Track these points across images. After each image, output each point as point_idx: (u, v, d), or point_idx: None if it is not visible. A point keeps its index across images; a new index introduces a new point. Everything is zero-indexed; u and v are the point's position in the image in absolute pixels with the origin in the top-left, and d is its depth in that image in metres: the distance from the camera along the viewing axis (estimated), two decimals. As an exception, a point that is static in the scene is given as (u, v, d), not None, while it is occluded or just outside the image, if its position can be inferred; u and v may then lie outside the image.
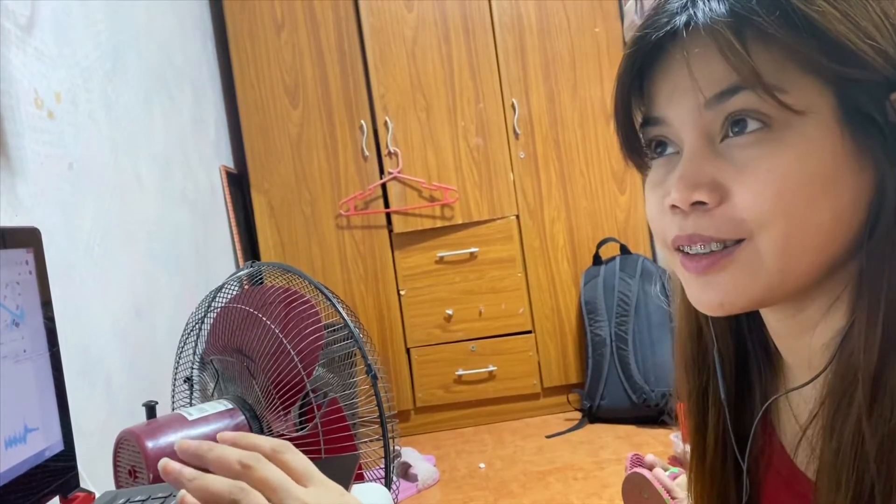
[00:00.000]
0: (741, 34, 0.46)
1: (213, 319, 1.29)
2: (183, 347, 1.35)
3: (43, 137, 1.34)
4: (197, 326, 1.34)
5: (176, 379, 1.35)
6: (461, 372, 2.77)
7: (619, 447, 2.35)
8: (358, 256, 2.78)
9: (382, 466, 1.27)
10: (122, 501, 0.74)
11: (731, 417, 0.60)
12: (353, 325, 1.26)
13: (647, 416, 2.52)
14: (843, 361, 0.48)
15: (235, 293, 1.34)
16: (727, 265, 0.49)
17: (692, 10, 0.48)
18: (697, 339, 0.63)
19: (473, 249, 2.78)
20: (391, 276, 2.79)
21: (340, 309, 1.27)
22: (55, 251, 1.31)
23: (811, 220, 0.46)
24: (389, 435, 1.26)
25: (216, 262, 2.38)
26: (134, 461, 0.98)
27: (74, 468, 0.79)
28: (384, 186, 2.76)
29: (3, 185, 1.18)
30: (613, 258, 2.73)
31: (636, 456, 1.08)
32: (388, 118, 2.75)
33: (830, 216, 0.47)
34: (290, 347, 1.15)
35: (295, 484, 0.50)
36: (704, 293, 0.51)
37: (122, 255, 1.63)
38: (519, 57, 2.78)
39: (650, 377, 2.52)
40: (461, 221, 2.77)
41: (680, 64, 0.49)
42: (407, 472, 2.25)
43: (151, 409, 1.08)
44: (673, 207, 0.50)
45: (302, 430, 1.17)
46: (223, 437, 0.54)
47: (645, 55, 0.52)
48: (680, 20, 0.49)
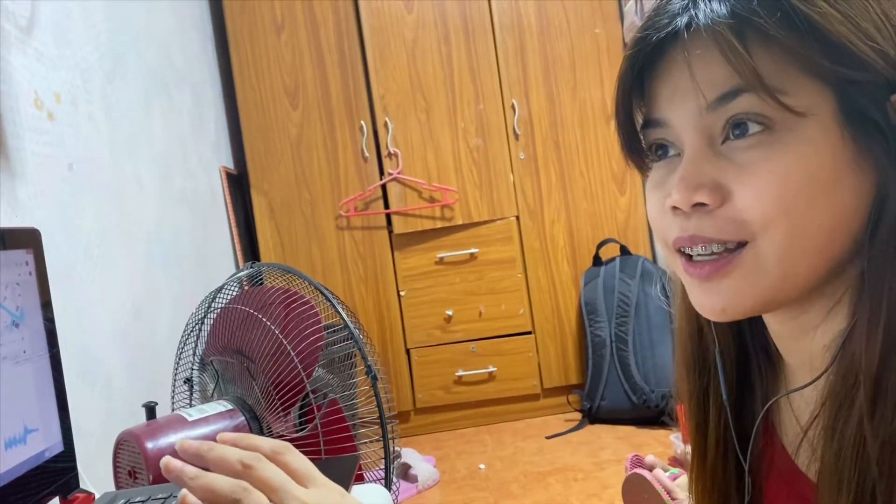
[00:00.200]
0: (742, 35, 0.46)
1: (212, 320, 1.29)
2: (183, 348, 1.35)
3: (43, 138, 1.34)
4: (197, 327, 1.34)
5: (176, 380, 1.35)
6: (461, 373, 2.77)
7: (619, 448, 2.35)
8: (358, 257, 2.78)
9: (382, 467, 1.27)
10: (121, 502, 0.74)
11: (732, 418, 0.60)
12: (352, 325, 1.26)
13: (647, 416, 2.52)
14: (844, 363, 0.48)
15: (235, 294, 1.34)
16: (730, 271, 0.49)
17: (693, 10, 0.48)
18: (698, 339, 0.63)
19: (473, 250, 2.78)
20: (391, 276, 2.79)
21: (340, 310, 1.27)
22: (55, 252, 1.31)
23: (812, 221, 0.46)
24: (389, 436, 1.26)
25: (216, 262, 2.38)
26: (134, 462, 0.98)
27: (74, 469, 0.79)
28: (384, 187, 2.77)
29: (3, 185, 1.18)
30: (613, 259, 2.73)
31: (636, 457, 1.08)
32: (388, 119, 2.75)
33: (831, 217, 0.47)
34: (289, 348, 1.15)
35: (295, 484, 0.50)
36: (708, 298, 0.51)
37: (121, 255, 1.63)
38: (519, 58, 2.78)
39: (650, 378, 2.52)
40: (461, 222, 2.77)
41: (681, 65, 0.49)
42: (407, 472, 2.25)
43: (151, 409, 1.08)
44: (674, 208, 0.50)
45: (302, 430, 1.16)
46: (223, 437, 0.54)
47: (646, 56, 0.52)
48: (681, 21, 0.48)
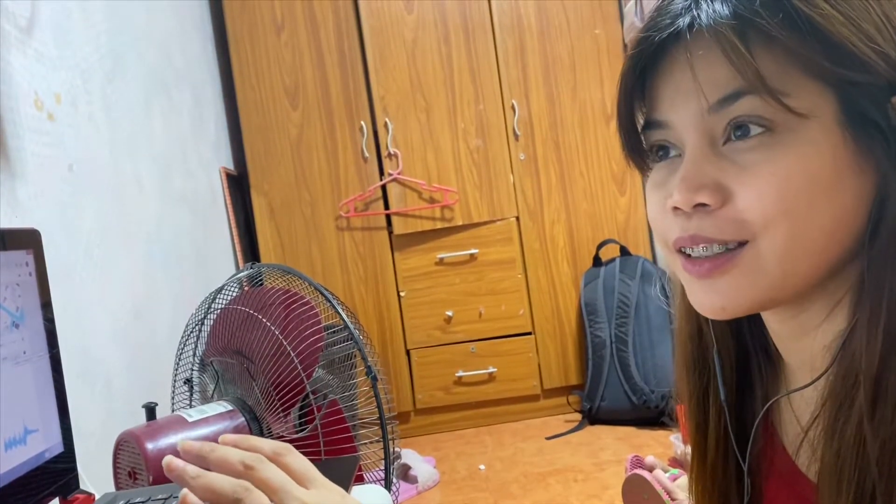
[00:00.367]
0: (745, 36, 0.46)
1: (213, 321, 1.29)
2: (183, 349, 1.34)
3: (43, 139, 1.34)
4: (197, 328, 1.34)
5: (176, 380, 1.35)
6: (461, 373, 2.77)
7: (619, 449, 2.35)
8: (358, 258, 2.78)
9: (382, 468, 1.27)
10: (121, 503, 0.74)
11: (731, 418, 0.60)
12: (352, 326, 1.26)
13: (647, 417, 2.52)
14: (844, 363, 0.48)
15: (235, 294, 1.34)
16: (729, 269, 0.49)
17: (695, 11, 0.48)
18: (698, 339, 0.63)
19: (473, 251, 2.78)
20: (391, 277, 2.79)
21: (340, 310, 1.27)
22: (55, 253, 1.31)
23: (813, 222, 0.46)
24: (389, 436, 1.25)
25: (216, 263, 2.38)
26: (134, 463, 0.98)
27: (74, 470, 0.79)
28: (384, 188, 2.77)
29: (3, 186, 1.18)
30: (613, 260, 2.73)
31: (636, 457, 1.08)
32: (388, 119, 2.75)
33: (832, 218, 0.47)
34: (289, 349, 1.15)
35: (296, 485, 0.51)
36: (707, 297, 0.51)
37: (121, 256, 1.63)
38: (519, 58, 2.78)
39: (650, 379, 2.52)
40: (461, 223, 2.77)
41: (683, 66, 0.49)
42: (407, 473, 2.24)
43: (151, 410, 1.08)
44: (675, 209, 0.50)
45: (302, 431, 1.16)
46: (225, 439, 0.54)
47: (648, 56, 0.51)
48: (683, 21, 0.48)
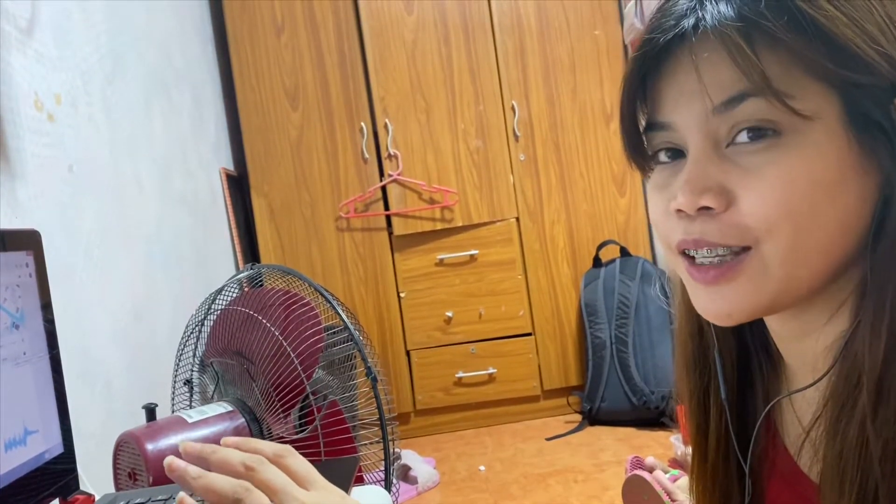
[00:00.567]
0: (750, 38, 0.45)
1: (213, 322, 1.29)
2: (183, 349, 1.34)
3: (43, 140, 1.34)
4: (197, 329, 1.34)
5: (176, 381, 1.35)
6: (461, 374, 2.77)
7: (619, 449, 2.35)
8: (358, 259, 2.78)
9: (382, 469, 1.27)
10: (121, 504, 0.74)
11: (732, 418, 0.60)
12: (352, 327, 1.26)
13: (647, 418, 2.52)
14: (846, 364, 0.47)
15: (235, 295, 1.34)
16: (735, 275, 0.49)
17: (700, 12, 0.47)
18: (698, 339, 0.62)
19: (473, 252, 2.78)
20: (391, 278, 2.79)
21: (340, 311, 1.27)
22: (55, 253, 1.31)
23: (816, 224, 0.46)
24: (389, 437, 1.25)
25: (216, 264, 2.38)
26: (134, 463, 0.98)
27: (74, 470, 0.79)
28: (384, 189, 2.77)
29: (3, 187, 1.18)
30: (613, 260, 2.73)
31: (636, 458, 1.08)
32: (388, 120, 2.75)
33: (835, 221, 0.47)
34: (289, 350, 1.15)
35: (297, 487, 0.51)
36: (713, 304, 0.51)
37: (121, 257, 1.63)
38: (519, 59, 2.78)
39: (650, 379, 2.52)
40: (461, 224, 2.77)
41: (687, 67, 0.49)
42: (407, 474, 2.24)
43: (151, 411, 1.08)
44: (678, 211, 0.50)
45: (302, 432, 1.16)
46: (226, 441, 0.55)
47: (652, 58, 0.51)
48: (688, 23, 0.48)
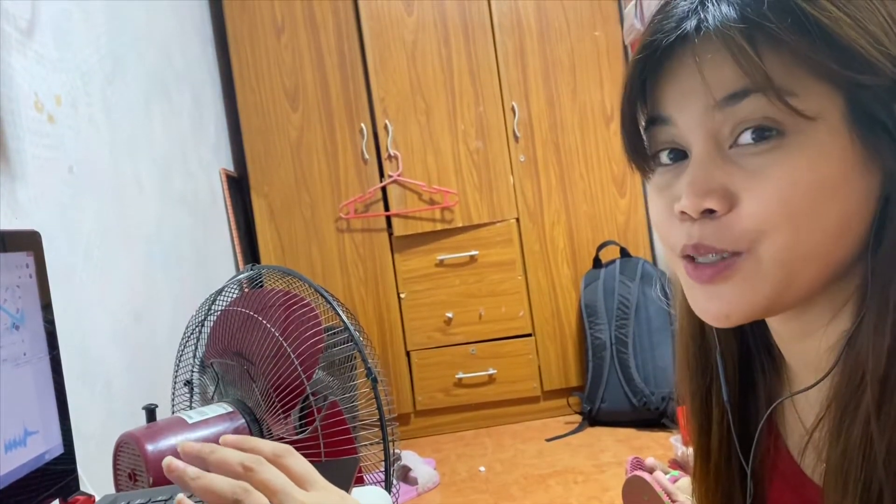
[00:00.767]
0: (752, 39, 0.45)
1: (213, 322, 1.29)
2: (183, 350, 1.34)
3: (43, 141, 1.34)
4: (197, 329, 1.34)
5: (176, 382, 1.35)
6: (461, 375, 2.77)
7: (619, 450, 2.35)
8: (358, 259, 2.78)
9: (382, 470, 1.27)
10: (121, 505, 0.74)
11: (734, 420, 0.60)
12: (353, 328, 1.26)
13: (647, 419, 2.51)
14: (849, 363, 0.47)
15: (235, 296, 1.34)
16: (731, 275, 0.48)
17: (702, 13, 0.47)
18: (700, 340, 0.62)
19: (473, 252, 2.78)
20: (391, 279, 2.79)
21: (340, 312, 1.27)
22: (55, 254, 1.31)
23: (817, 225, 0.46)
24: (389, 438, 1.25)
25: (216, 264, 2.38)
26: (134, 464, 0.98)
27: (74, 471, 0.79)
28: (384, 189, 2.77)
29: (3, 188, 1.18)
30: (613, 261, 2.73)
31: (636, 459, 1.08)
32: (388, 121, 2.75)
33: (837, 221, 0.46)
34: (289, 350, 1.15)
35: (296, 487, 0.51)
36: (711, 304, 0.50)
37: (121, 258, 1.63)
38: (519, 60, 2.78)
39: (650, 380, 2.52)
40: (461, 224, 2.77)
41: (689, 68, 0.49)
42: (407, 475, 2.24)
43: (151, 412, 1.08)
44: (682, 214, 0.50)
45: (302, 433, 1.16)
46: (225, 440, 0.54)
47: (654, 60, 0.51)
48: (690, 24, 0.48)
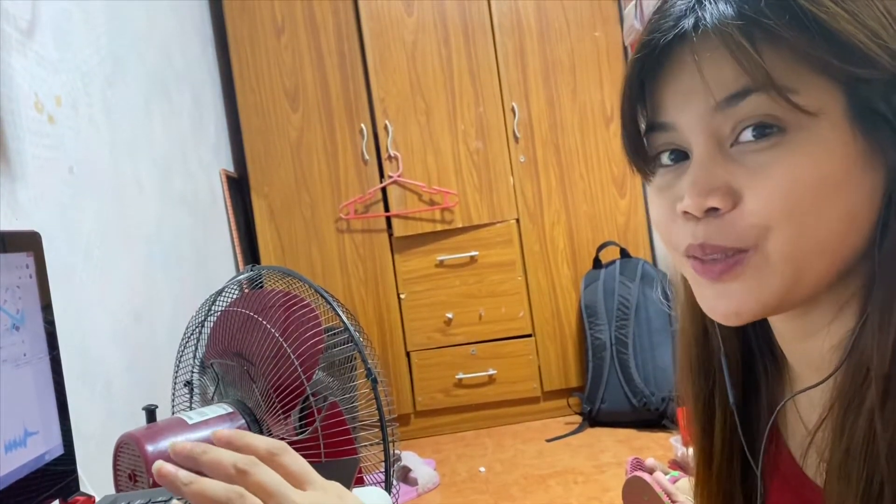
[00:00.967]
0: (751, 36, 0.45)
1: (213, 323, 1.29)
2: (183, 351, 1.35)
3: (43, 141, 1.34)
4: (197, 330, 1.34)
5: (176, 382, 1.35)
6: (461, 375, 2.77)
7: (619, 451, 2.35)
8: (358, 260, 2.78)
9: (382, 470, 1.27)
10: (121, 505, 0.74)
11: (738, 421, 0.60)
12: (353, 328, 1.26)
13: (647, 419, 2.51)
14: (853, 361, 0.47)
15: (235, 297, 1.34)
16: (740, 272, 0.48)
17: (699, 12, 0.47)
18: (703, 341, 0.62)
19: (473, 253, 2.78)
20: (391, 279, 2.79)
21: (340, 312, 1.27)
22: (55, 255, 1.31)
23: (823, 221, 0.46)
24: (389, 439, 1.25)
25: (216, 264, 2.38)
26: (134, 465, 0.98)
27: (74, 472, 0.79)
28: (384, 190, 2.77)
29: (3, 188, 1.18)
30: (613, 262, 2.73)
31: (636, 459, 1.08)
32: (388, 122, 2.75)
33: (842, 217, 0.46)
34: (290, 351, 1.15)
35: (292, 488, 0.49)
36: (719, 302, 0.50)
37: (121, 258, 1.63)
38: (519, 61, 2.78)
39: (650, 381, 2.52)
40: (461, 225, 2.77)
41: (688, 67, 0.49)
42: (407, 475, 2.24)
43: (151, 412, 1.08)
44: (685, 213, 0.49)
45: (302, 433, 1.16)
46: (218, 435, 0.52)
47: (652, 60, 0.51)
48: (688, 23, 0.48)
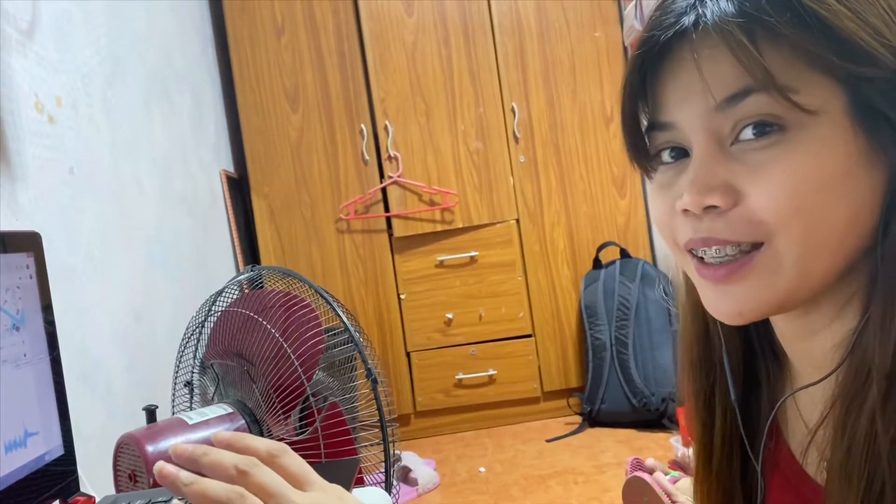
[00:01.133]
0: (752, 34, 0.45)
1: (213, 323, 1.29)
2: (183, 351, 1.35)
3: (43, 142, 1.34)
4: (197, 330, 1.34)
5: (176, 383, 1.35)
6: (461, 376, 2.77)
7: (619, 451, 2.35)
8: (358, 260, 2.78)
9: (383, 471, 1.27)
10: (122, 506, 0.74)
11: (739, 418, 0.60)
12: (353, 328, 1.26)
13: (647, 419, 2.51)
14: (855, 360, 0.47)
15: (236, 297, 1.34)
16: (746, 273, 0.48)
17: (700, 9, 0.47)
18: (704, 340, 0.62)
19: (473, 253, 2.78)
20: (391, 279, 2.79)
21: (340, 313, 1.27)
22: (55, 255, 1.31)
23: (827, 219, 0.46)
24: (390, 439, 1.26)
25: (216, 265, 2.38)
26: (134, 465, 0.98)
27: (75, 472, 0.79)
28: (384, 190, 2.77)
29: (3, 189, 1.18)
30: (613, 262, 2.73)
31: (636, 460, 1.08)
32: (388, 122, 2.75)
33: (845, 215, 0.46)
34: (290, 351, 1.15)
35: (292, 489, 0.49)
36: (723, 303, 0.50)
37: (121, 258, 1.63)
38: (519, 61, 2.79)
39: (650, 381, 2.52)
40: (461, 225, 2.77)
41: (688, 65, 0.49)
42: (407, 476, 2.24)
43: (151, 413, 1.08)
44: (685, 211, 0.50)
45: (302, 434, 1.16)
46: (218, 437, 0.53)
47: (653, 57, 0.51)
48: (688, 20, 0.48)
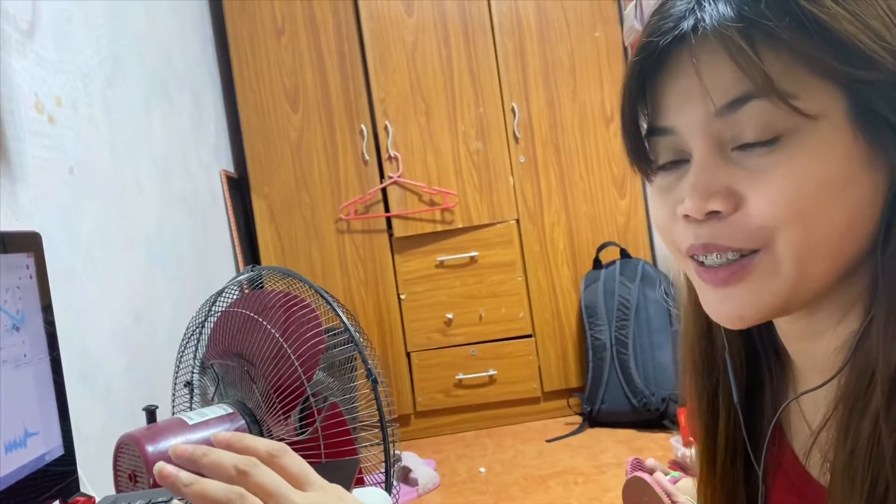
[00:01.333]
0: (751, 38, 0.45)
1: (213, 323, 1.29)
2: (183, 351, 1.35)
3: (43, 142, 1.34)
4: (197, 330, 1.34)
5: (176, 383, 1.35)
6: (461, 376, 2.77)
7: (619, 451, 2.35)
8: (358, 260, 2.78)
9: (383, 471, 1.27)
10: (122, 506, 0.74)
11: (742, 419, 0.60)
12: (353, 329, 1.26)
13: (647, 420, 2.51)
14: (859, 362, 0.47)
15: (236, 297, 1.34)
16: (746, 276, 0.48)
17: (699, 13, 0.47)
18: (707, 341, 0.62)
19: (474, 253, 2.78)
20: (391, 280, 2.79)
21: (340, 313, 1.27)
22: (55, 255, 1.31)
23: (827, 223, 0.46)
24: (390, 439, 1.26)
25: (216, 265, 2.38)
26: (134, 465, 0.98)
27: (75, 472, 0.79)
28: (384, 190, 2.77)
29: (3, 189, 1.18)
30: (613, 262, 2.73)
31: (636, 460, 1.08)
32: (388, 122, 2.75)
33: (846, 219, 0.46)
34: (290, 351, 1.15)
35: (292, 489, 0.49)
36: (723, 306, 0.50)
37: (121, 259, 1.63)
38: (519, 61, 2.79)
39: (650, 381, 2.52)
40: (461, 225, 2.77)
41: (687, 69, 0.48)
42: (407, 476, 2.24)
43: (151, 413, 1.08)
44: (686, 216, 0.49)
45: (302, 434, 1.16)
46: (218, 437, 0.52)
47: (652, 62, 0.50)
48: (687, 24, 0.47)
